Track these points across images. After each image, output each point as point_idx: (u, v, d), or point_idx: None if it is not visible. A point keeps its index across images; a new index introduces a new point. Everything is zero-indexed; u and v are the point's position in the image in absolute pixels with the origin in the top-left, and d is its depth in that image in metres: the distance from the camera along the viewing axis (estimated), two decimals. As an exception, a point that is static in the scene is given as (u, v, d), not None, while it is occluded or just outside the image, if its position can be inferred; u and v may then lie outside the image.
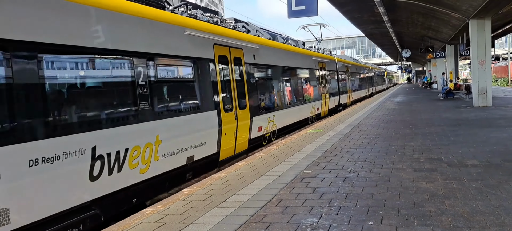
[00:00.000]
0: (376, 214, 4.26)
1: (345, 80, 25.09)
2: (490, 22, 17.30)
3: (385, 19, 22.98)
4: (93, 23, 5.46)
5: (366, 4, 19.96)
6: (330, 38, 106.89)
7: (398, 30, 30.14)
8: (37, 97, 4.54)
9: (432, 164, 6.49)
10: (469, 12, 16.61)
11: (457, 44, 27.68)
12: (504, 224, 3.79)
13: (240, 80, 9.66)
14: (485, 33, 17.29)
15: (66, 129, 4.85)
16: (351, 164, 6.85)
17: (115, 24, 5.84)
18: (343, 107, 23.41)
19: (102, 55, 5.64)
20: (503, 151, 7.22)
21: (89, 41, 5.35)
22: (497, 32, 26.29)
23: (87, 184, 5.09)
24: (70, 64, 5.30)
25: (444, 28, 24.87)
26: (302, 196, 5.08)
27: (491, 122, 11.61)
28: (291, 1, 9.80)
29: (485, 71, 17.37)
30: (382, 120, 13.63)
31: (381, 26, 27.39)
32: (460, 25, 20.75)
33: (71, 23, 5.08)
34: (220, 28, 9.18)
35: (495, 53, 38.54)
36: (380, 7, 19.26)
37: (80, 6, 5.25)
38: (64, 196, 4.79)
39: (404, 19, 24.97)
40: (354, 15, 23.96)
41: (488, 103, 17.23)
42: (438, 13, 20.53)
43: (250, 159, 7.95)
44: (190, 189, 5.83)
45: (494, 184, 5.15)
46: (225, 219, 4.38)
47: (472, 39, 17.60)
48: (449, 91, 24.58)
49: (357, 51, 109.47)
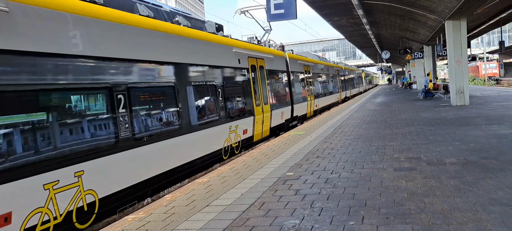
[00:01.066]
0: (357, 214, 4.30)
1: (305, 84, 19.42)
2: (465, 23, 17.72)
3: (364, 22, 23.29)
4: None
5: (345, 7, 20.22)
6: (310, 41, 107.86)
7: (377, 32, 30.62)
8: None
9: (411, 163, 6.60)
10: (445, 14, 16.98)
11: (435, 45, 28.26)
12: (481, 219, 3.88)
13: None
14: (460, 34, 17.70)
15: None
16: (333, 165, 6.92)
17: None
18: (300, 120, 17.97)
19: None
20: (479, 149, 7.39)
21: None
22: (472, 33, 26.97)
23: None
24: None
25: (421, 30, 25.36)
26: (284, 199, 5.10)
27: (468, 120, 11.87)
28: (270, 5, 9.86)
29: (462, 71, 17.76)
30: (363, 121, 13.80)
31: (361, 29, 27.79)
32: (436, 26, 21.19)
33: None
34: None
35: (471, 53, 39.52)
36: (358, 10, 19.53)
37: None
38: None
39: (383, 21, 25.38)
40: (334, 18, 24.24)
41: (466, 102, 17.62)
42: (415, 15, 20.93)
43: (233, 163, 7.95)
44: (173, 195, 5.80)
45: (471, 181, 5.27)
46: (208, 224, 4.37)
47: (449, 39, 18.00)
48: (428, 91, 25.05)
49: (338, 54, 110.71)
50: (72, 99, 5.69)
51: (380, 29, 28.90)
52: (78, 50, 5.66)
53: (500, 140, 8.08)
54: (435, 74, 30.84)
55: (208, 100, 9.46)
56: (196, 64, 9.08)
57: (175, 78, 8.06)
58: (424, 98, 24.51)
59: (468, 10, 16.15)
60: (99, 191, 5.68)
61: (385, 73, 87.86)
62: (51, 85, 5.21)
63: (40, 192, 4.76)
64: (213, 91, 9.65)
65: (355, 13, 20.91)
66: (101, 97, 6.15)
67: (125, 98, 6.43)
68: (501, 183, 5.05)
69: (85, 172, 5.44)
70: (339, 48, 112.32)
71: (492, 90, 28.73)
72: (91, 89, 5.94)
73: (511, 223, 3.74)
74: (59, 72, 5.33)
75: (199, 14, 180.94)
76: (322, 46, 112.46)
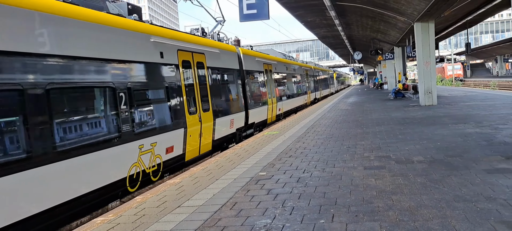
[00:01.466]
0: (327, 212, 4.36)
1: (266, 86, 17.26)
2: (433, 25, 18.26)
3: (336, 23, 23.62)
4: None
5: (318, 8, 20.44)
6: (284, 42, 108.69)
7: (350, 33, 31.11)
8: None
9: (381, 162, 6.74)
10: (414, 16, 17.44)
11: (405, 46, 28.96)
12: (445, 216, 4.01)
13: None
14: (429, 36, 18.22)
15: None
16: (305, 164, 6.98)
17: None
18: (259, 128, 15.84)
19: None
20: (446, 147, 7.62)
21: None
22: (440, 35, 27.80)
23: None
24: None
25: (392, 31, 25.95)
26: (256, 198, 5.11)
27: (436, 120, 12.22)
28: (242, 5, 9.87)
29: (430, 72, 18.27)
30: (335, 121, 13.99)
31: (333, 30, 28.16)
32: (406, 28, 21.73)
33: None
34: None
35: (439, 54, 40.69)
36: (331, 11, 19.79)
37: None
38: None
39: (355, 22, 25.81)
40: (307, 18, 24.46)
41: (434, 102, 18.14)
42: (386, 17, 21.40)
43: (206, 163, 7.91)
44: (143, 197, 5.72)
45: (437, 178, 5.43)
46: (179, 225, 4.33)
47: (417, 41, 18.50)
48: (398, 91, 25.64)
49: (311, 55, 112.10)
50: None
51: (352, 30, 29.38)
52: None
53: (465, 139, 8.36)
54: (405, 75, 31.61)
55: (95, 110, 6.63)
56: (71, 56, 6.06)
57: (24, 78, 5.25)
58: (394, 98, 25.06)
59: (436, 13, 16.64)
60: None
61: (357, 74, 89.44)
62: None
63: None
64: (109, 96, 6.83)
65: (328, 14, 21.17)
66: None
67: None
68: (465, 180, 5.23)
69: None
70: (313, 49, 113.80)
71: (459, 91, 29.68)
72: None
73: (474, 218, 3.88)
74: None
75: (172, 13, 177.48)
76: (296, 46, 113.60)
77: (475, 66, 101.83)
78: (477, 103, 16.70)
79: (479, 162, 6.20)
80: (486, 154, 6.76)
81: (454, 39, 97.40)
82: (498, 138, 8.19)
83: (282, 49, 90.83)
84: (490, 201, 4.35)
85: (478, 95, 21.98)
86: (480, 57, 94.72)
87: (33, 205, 5.13)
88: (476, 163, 6.11)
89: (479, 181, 5.15)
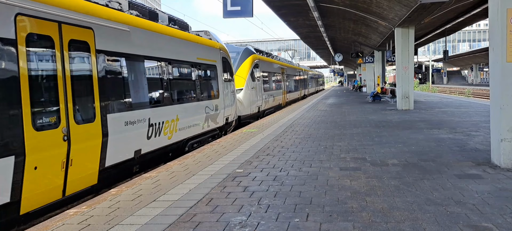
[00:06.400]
0: (302, 211, 4.41)
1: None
2: (413, 31, 18.64)
3: (319, 24, 23.80)
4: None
5: (301, 8, 20.55)
6: (267, 40, 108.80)
7: (331, 35, 31.39)
8: None
9: (357, 163, 6.85)
10: (395, 21, 17.74)
11: (385, 50, 29.43)
12: (417, 218, 4.11)
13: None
14: (408, 41, 18.58)
15: None
16: (282, 163, 7.03)
17: None
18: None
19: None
20: (420, 151, 7.80)
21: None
22: (419, 41, 28.35)
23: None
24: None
25: (373, 35, 26.33)
26: (232, 195, 5.12)
27: (411, 124, 12.48)
28: (226, 1, 9.84)
29: (408, 76, 18.64)
30: (314, 121, 14.12)
31: (316, 31, 28.36)
32: (387, 32, 22.09)
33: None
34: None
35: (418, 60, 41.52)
36: (314, 12, 19.94)
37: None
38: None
39: (337, 24, 26.06)
40: (290, 18, 24.56)
41: (410, 106, 18.50)
42: (368, 21, 21.70)
43: (183, 159, 7.87)
44: (118, 189, 5.65)
45: (410, 181, 5.55)
46: (153, 219, 4.30)
47: (397, 46, 18.83)
48: (376, 94, 26.05)
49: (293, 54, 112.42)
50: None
51: (334, 32, 29.66)
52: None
53: (438, 144, 8.57)
54: (383, 79, 32.12)
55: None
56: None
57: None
58: (372, 101, 25.44)
59: (416, 19, 16.97)
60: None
61: (337, 75, 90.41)
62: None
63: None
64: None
65: (311, 15, 21.32)
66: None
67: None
68: (437, 184, 5.37)
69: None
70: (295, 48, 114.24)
71: (435, 97, 30.34)
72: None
73: (443, 222, 3.98)
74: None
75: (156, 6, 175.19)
76: (278, 45, 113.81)
77: (451, 73, 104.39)
78: (452, 110, 17.11)
79: (451, 166, 6.37)
80: (458, 159, 6.95)
81: (433, 46, 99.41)
82: (470, 144, 8.43)
83: (264, 47, 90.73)
84: (460, 205, 4.48)
85: (453, 102, 22.53)
86: (457, 65, 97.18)
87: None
88: (448, 168, 6.28)
89: (450, 185, 5.29)
